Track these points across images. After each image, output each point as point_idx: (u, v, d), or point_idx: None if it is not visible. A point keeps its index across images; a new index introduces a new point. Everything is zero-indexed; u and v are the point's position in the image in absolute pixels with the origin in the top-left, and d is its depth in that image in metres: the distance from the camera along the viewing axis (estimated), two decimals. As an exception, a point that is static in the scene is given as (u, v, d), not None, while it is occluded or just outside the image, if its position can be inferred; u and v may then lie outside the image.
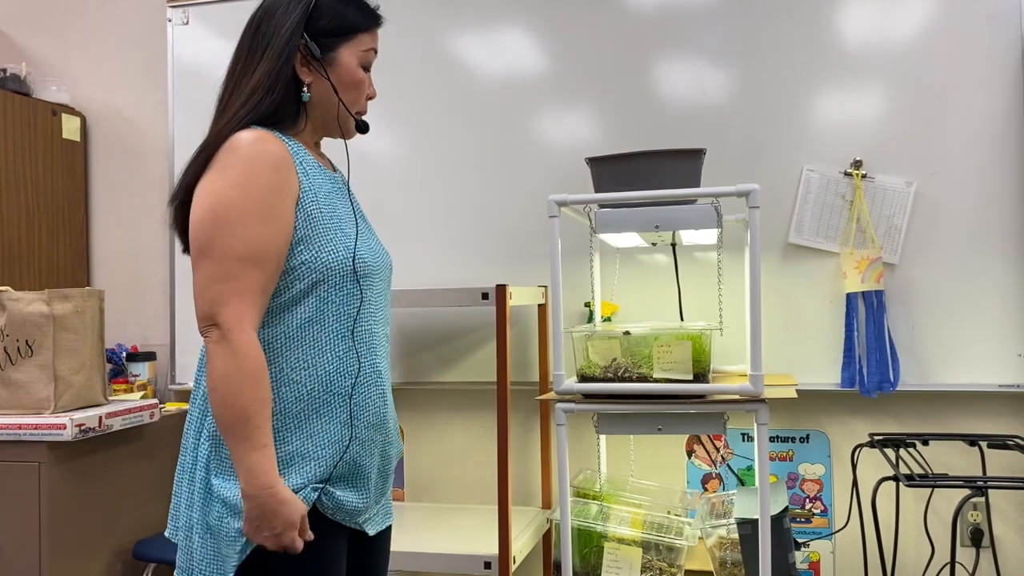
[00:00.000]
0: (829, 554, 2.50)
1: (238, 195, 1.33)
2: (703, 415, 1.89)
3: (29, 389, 2.27)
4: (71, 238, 3.09)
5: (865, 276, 2.38)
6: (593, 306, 2.40)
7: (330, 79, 1.46)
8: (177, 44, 2.92)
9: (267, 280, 1.34)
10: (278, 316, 1.38)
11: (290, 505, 1.31)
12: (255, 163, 1.35)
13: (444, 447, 2.79)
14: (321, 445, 1.38)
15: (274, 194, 1.35)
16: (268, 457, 1.31)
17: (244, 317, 1.32)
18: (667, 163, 1.89)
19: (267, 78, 1.42)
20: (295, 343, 1.38)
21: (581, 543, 2.09)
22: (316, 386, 1.38)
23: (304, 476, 1.37)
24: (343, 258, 1.40)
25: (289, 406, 1.37)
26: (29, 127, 2.93)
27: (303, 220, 1.38)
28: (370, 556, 1.56)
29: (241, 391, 1.30)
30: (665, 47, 2.56)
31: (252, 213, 1.33)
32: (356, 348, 1.42)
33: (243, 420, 1.30)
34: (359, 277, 1.43)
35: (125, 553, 2.49)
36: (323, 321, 1.39)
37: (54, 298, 2.28)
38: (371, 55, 1.52)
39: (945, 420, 2.45)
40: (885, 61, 2.41)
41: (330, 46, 1.46)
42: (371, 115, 2.75)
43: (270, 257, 1.34)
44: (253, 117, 1.41)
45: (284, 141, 1.42)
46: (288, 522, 1.31)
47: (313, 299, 1.39)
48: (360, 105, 1.53)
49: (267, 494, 1.30)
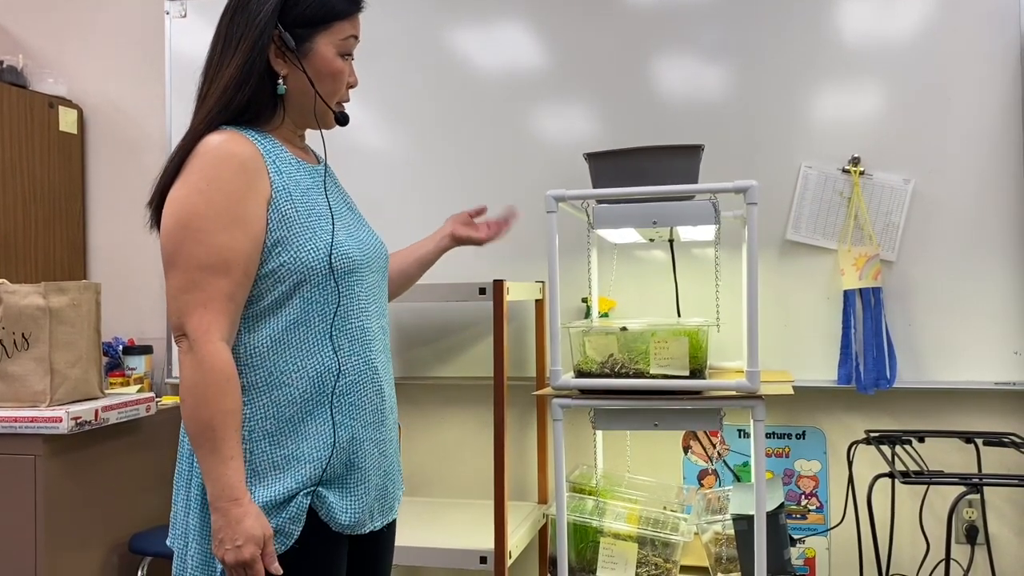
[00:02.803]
0: (824, 550, 2.50)
1: (200, 201, 1.31)
2: (699, 411, 1.89)
3: (25, 382, 2.27)
4: (68, 231, 3.08)
5: (863, 273, 2.38)
6: (590, 302, 2.40)
7: (306, 71, 1.42)
8: (175, 37, 2.92)
9: (234, 287, 1.31)
10: (263, 321, 1.36)
11: (254, 519, 1.28)
12: (218, 168, 1.32)
13: (441, 442, 2.79)
14: (316, 447, 1.36)
15: (239, 198, 1.32)
16: (234, 469, 1.28)
17: (210, 327, 1.29)
18: (665, 159, 1.89)
19: (239, 72, 1.38)
20: (282, 346, 1.36)
21: (577, 538, 2.10)
22: (307, 387, 1.36)
23: (298, 479, 1.35)
24: (324, 256, 1.37)
25: (282, 409, 1.36)
26: (26, 119, 2.92)
27: (277, 221, 1.35)
28: (373, 552, 1.54)
29: (206, 402, 1.28)
30: (664, 43, 2.55)
31: (215, 220, 1.30)
32: (348, 346, 1.40)
33: (208, 432, 1.28)
34: (342, 273, 1.39)
35: (121, 546, 2.49)
36: (309, 322, 1.37)
37: (50, 291, 2.27)
38: (351, 42, 1.46)
39: (941, 417, 2.45)
40: (884, 58, 2.41)
41: (306, 36, 1.41)
42: (370, 110, 2.75)
43: (236, 263, 1.31)
44: (227, 114, 1.39)
45: (257, 139, 1.39)
46: (249, 535, 1.27)
47: (297, 300, 1.36)
48: (340, 95, 1.47)
49: (231, 506, 1.27)
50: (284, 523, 1.34)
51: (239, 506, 1.28)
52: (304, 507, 1.35)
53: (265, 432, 1.35)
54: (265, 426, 1.35)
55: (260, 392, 1.36)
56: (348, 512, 1.39)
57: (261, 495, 1.33)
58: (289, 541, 1.34)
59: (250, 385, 1.36)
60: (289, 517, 1.34)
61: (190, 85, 2.93)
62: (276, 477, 1.34)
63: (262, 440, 1.35)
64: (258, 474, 1.34)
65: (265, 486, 1.34)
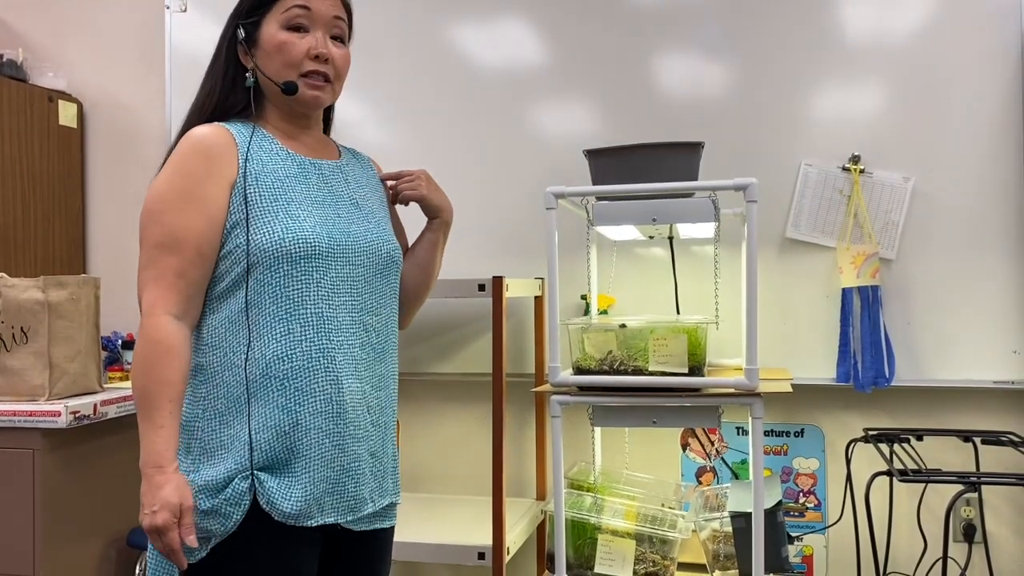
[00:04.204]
0: (822, 548, 2.50)
1: (163, 185, 1.39)
2: (698, 408, 1.89)
3: (24, 376, 2.27)
4: (67, 225, 3.08)
5: (861, 271, 2.38)
6: (589, 299, 2.40)
7: (254, 56, 1.48)
8: (175, 31, 2.91)
9: (185, 264, 1.36)
10: (221, 302, 1.40)
11: (173, 488, 1.29)
12: (184, 155, 1.40)
13: (439, 438, 2.79)
14: (257, 429, 1.36)
15: (197, 181, 1.37)
16: (164, 438, 1.31)
17: (156, 301, 1.35)
18: (665, 156, 1.89)
19: (212, 72, 1.51)
20: (236, 327, 1.39)
21: (575, 535, 2.10)
22: (254, 370, 1.37)
23: (237, 461, 1.35)
24: (279, 239, 1.37)
25: (231, 390, 1.37)
26: (26, 113, 2.92)
27: (238, 204, 1.39)
28: (358, 561, 1.51)
29: (144, 372, 1.33)
30: (664, 40, 2.55)
31: (172, 202, 1.37)
32: (300, 331, 1.39)
33: (144, 399, 1.32)
34: (298, 258, 1.38)
35: (119, 541, 2.49)
36: (261, 304, 1.38)
37: (49, 285, 2.27)
38: (295, 12, 1.45)
39: (940, 416, 2.45)
40: (884, 56, 2.41)
41: (255, 24, 1.48)
42: (369, 106, 2.74)
43: (188, 241, 1.36)
44: (205, 112, 1.48)
45: (239, 130, 1.44)
46: (166, 502, 1.28)
47: (252, 283, 1.38)
48: (297, 66, 1.46)
49: (154, 472, 1.30)
50: (221, 504, 1.34)
51: (161, 473, 1.30)
52: (241, 490, 1.34)
53: (215, 412, 1.38)
54: (216, 406, 1.38)
55: (214, 372, 1.39)
56: (290, 500, 1.36)
57: (205, 474, 1.35)
58: (228, 523, 1.34)
59: (207, 365, 1.39)
60: (227, 499, 1.34)
61: (190, 80, 2.92)
62: (221, 457, 1.36)
63: (212, 419, 1.38)
64: (206, 452, 1.37)
65: (211, 465, 1.36)
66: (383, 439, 1.51)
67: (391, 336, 1.55)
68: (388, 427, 1.53)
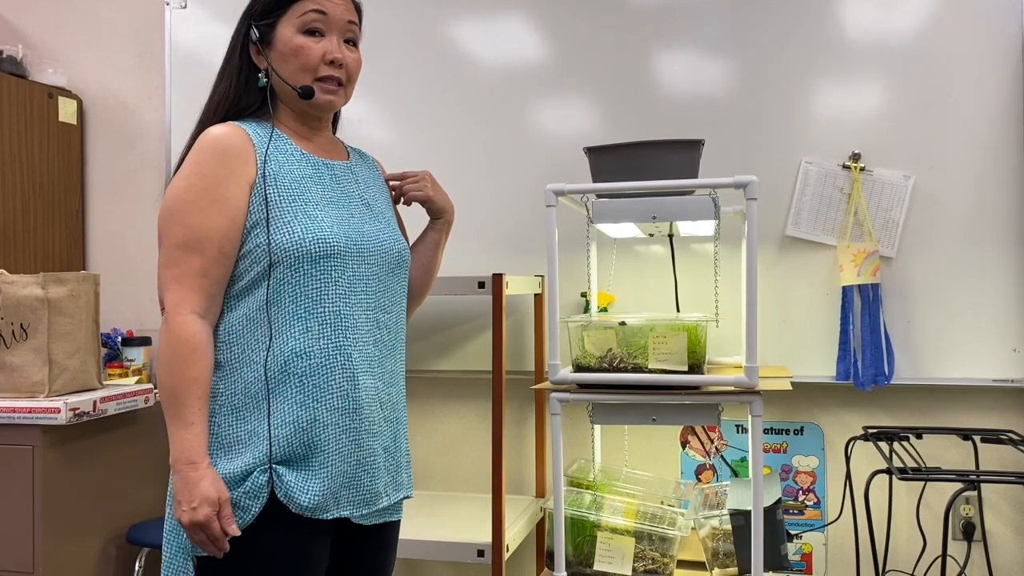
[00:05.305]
0: (821, 546, 2.51)
1: (183, 186, 1.40)
2: (698, 406, 1.89)
3: (23, 372, 2.27)
4: (67, 222, 3.08)
5: (861, 269, 2.38)
6: (589, 296, 2.40)
7: (270, 58, 1.48)
8: (175, 28, 2.91)
9: (208, 264, 1.38)
10: (240, 300, 1.42)
11: (210, 482, 1.33)
12: (203, 154, 1.41)
13: (439, 435, 2.79)
14: (276, 425, 1.39)
15: (218, 181, 1.39)
16: (194, 435, 1.34)
17: (182, 301, 1.37)
18: (665, 154, 1.89)
19: (227, 71, 1.52)
20: (255, 324, 1.41)
21: (574, 532, 2.10)
22: (273, 366, 1.40)
23: (257, 455, 1.37)
24: (299, 240, 1.40)
25: (250, 387, 1.40)
26: (25, 110, 2.91)
27: (258, 204, 1.41)
28: (368, 552, 1.54)
29: (171, 371, 1.35)
30: (664, 38, 2.55)
31: (193, 202, 1.39)
32: (319, 329, 1.41)
33: (173, 398, 1.35)
34: (318, 258, 1.41)
35: (119, 537, 2.49)
36: (280, 302, 1.41)
37: (49, 282, 2.27)
38: (311, 16, 1.47)
39: (939, 414, 2.45)
40: (885, 54, 2.41)
41: (270, 26, 1.48)
42: (368, 104, 2.74)
43: (210, 241, 1.38)
44: (220, 112, 1.49)
45: (255, 130, 1.46)
46: (205, 496, 1.32)
47: (272, 281, 1.41)
48: (313, 71, 1.48)
49: (188, 469, 1.33)
50: (241, 497, 1.37)
51: (196, 470, 1.33)
52: (260, 483, 1.37)
53: (233, 407, 1.40)
54: (234, 402, 1.40)
55: (233, 368, 1.41)
56: (308, 493, 1.39)
57: (224, 467, 1.38)
58: (246, 516, 1.37)
59: (225, 361, 1.41)
60: (246, 492, 1.37)
61: (190, 76, 2.94)
62: (239, 452, 1.38)
63: (230, 415, 1.40)
64: (224, 447, 1.39)
65: (228, 459, 1.38)
66: (395, 434, 1.53)
67: (400, 333, 1.58)
68: (400, 422, 1.55)
